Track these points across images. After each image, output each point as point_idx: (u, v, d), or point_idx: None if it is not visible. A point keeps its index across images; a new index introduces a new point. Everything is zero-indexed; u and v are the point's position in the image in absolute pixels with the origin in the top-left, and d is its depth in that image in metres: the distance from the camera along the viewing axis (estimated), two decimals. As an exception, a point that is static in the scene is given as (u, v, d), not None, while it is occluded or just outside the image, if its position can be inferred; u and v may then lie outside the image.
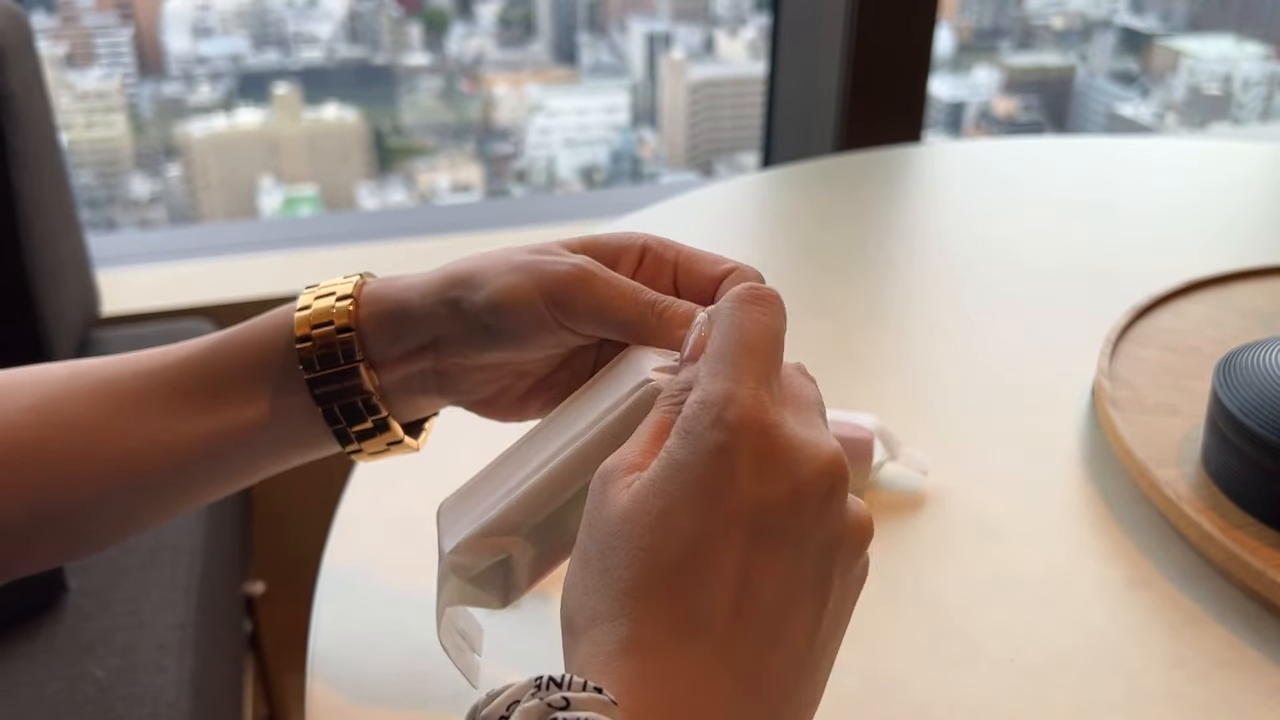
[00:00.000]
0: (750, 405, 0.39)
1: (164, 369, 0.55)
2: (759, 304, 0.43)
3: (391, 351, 0.54)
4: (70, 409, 0.54)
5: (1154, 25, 3.20)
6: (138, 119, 2.59)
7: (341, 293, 0.56)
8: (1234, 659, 0.61)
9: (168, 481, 0.55)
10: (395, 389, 0.55)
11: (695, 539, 0.38)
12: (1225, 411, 0.68)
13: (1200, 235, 1.13)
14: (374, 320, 0.55)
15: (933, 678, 0.60)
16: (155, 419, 0.54)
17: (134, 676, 0.98)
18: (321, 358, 0.54)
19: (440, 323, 0.53)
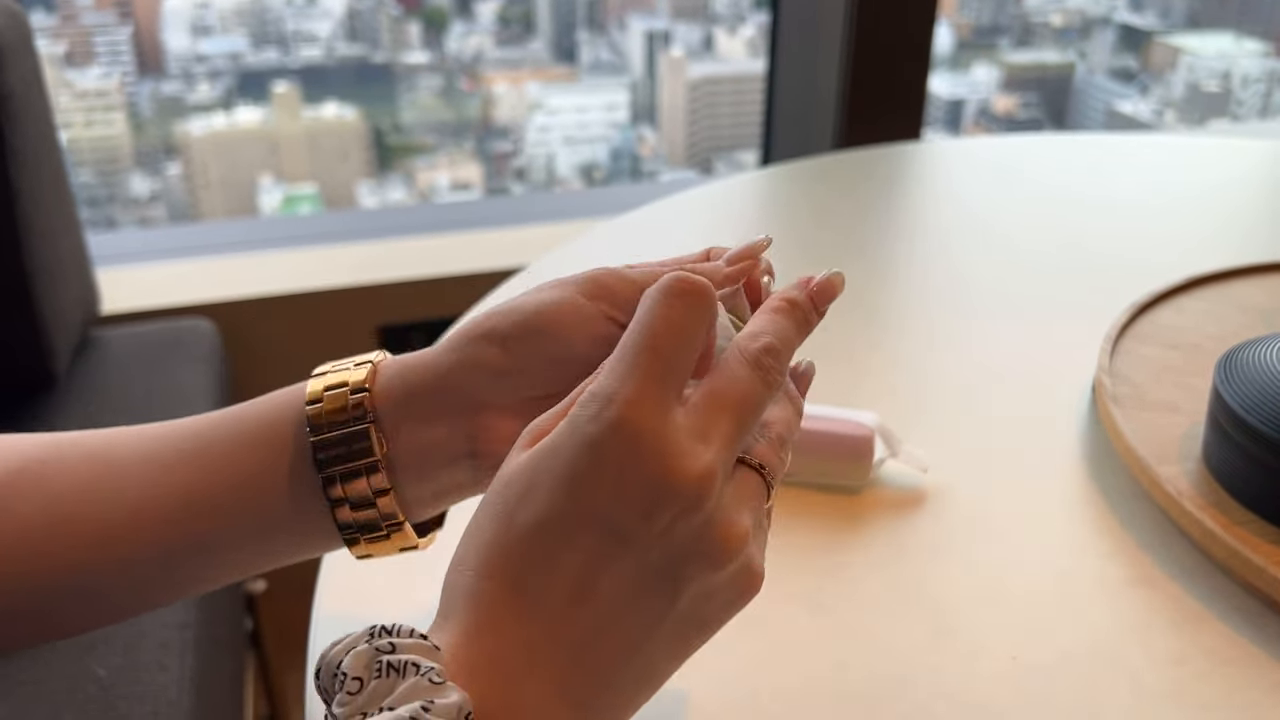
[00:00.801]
0: (630, 408, 0.40)
1: (155, 439, 0.52)
2: (681, 299, 0.43)
3: (409, 414, 0.51)
4: (50, 474, 0.50)
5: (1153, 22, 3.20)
6: (137, 117, 2.59)
7: (360, 361, 0.52)
8: (1236, 656, 0.61)
9: (150, 566, 0.51)
10: (414, 462, 0.51)
11: (547, 522, 0.40)
12: (1226, 408, 0.68)
13: (1200, 231, 1.13)
14: (391, 379, 0.51)
15: (934, 676, 0.60)
16: (140, 491, 0.50)
17: (135, 675, 0.98)
18: (330, 415, 0.50)
19: (475, 368, 0.50)
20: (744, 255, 0.55)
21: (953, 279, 1.03)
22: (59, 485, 0.50)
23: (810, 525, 0.71)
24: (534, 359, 0.50)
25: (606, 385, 0.41)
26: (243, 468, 0.50)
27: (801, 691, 0.59)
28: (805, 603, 0.64)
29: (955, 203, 1.22)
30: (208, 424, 0.52)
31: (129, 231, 2.18)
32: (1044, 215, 1.17)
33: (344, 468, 0.49)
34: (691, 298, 0.43)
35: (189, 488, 0.50)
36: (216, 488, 0.50)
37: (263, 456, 0.50)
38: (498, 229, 1.85)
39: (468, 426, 0.50)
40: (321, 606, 0.66)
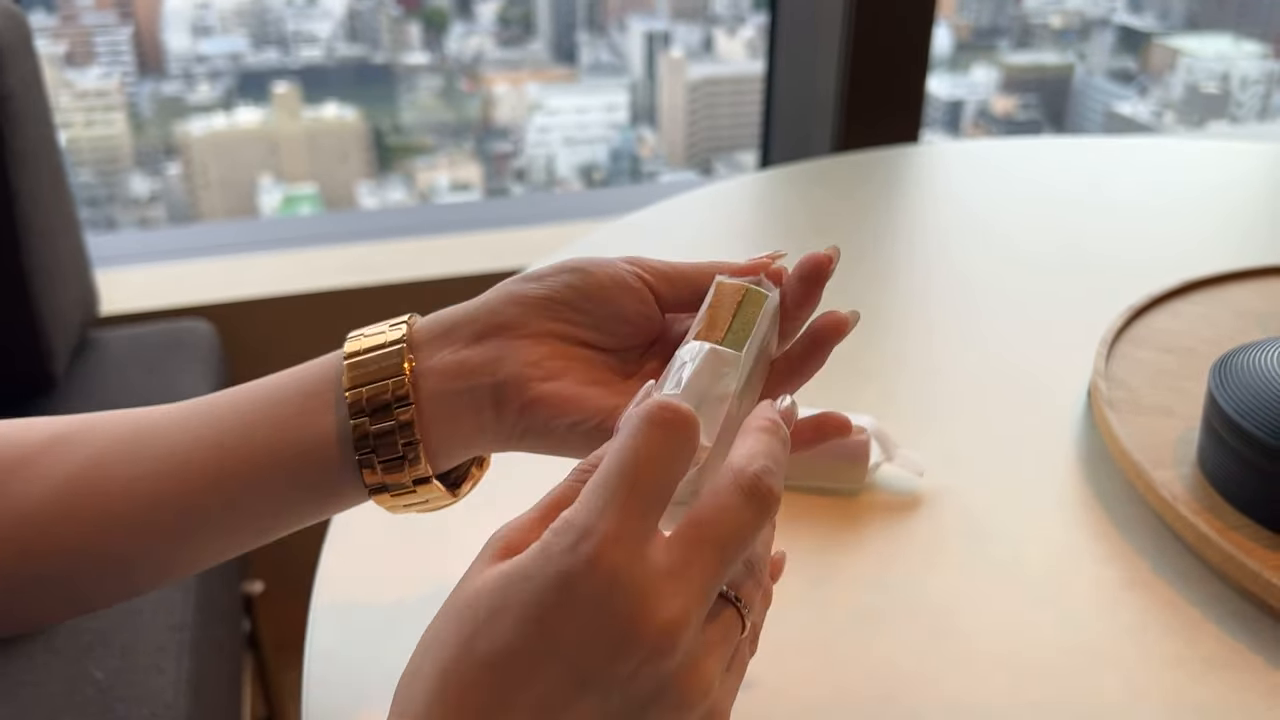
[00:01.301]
0: (607, 544, 0.39)
1: (188, 405, 0.54)
2: (663, 430, 0.40)
3: (444, 341, 0.53)
4: (84, 440, 0.52)
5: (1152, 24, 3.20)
6: (137, 118, 2.60)
7: (398, 320, 0.54)
8: (1231, 659, 0.61)
9: (177, 527, 0.52)
10: (441, 394, 0.52)
11: (509, 656, 0.39)
12: (1221, 413, 0.68)
13: (1198, 234, 1.13)
14: (429, 320, 0.54)
15: (929, 679, 0.60)
16: (171, 451, 0.52)
17: (132, 677, 0.98)
18: (368, 351, 0.52)
19: (510, 301, 0.53)
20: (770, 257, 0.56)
21: (950, 282, 1.04)
22: (93, 449, 0.52)
23: (806, 529, 0.71)
24: (567, 291, 0.53)
25: (583, 517, 0.39)
26: (277, 409, 0.52)
27: (797, 695, 0.59)
28: (801, 606, 0.65)
29: (953, 205, 1.23)
30: (243, 388, 0.54)
31: (128, 232, 2.18)
32: (1042, 218, 1.17)
33: (371, 388, 0.51)
34: (674, 428, 0.41)
35: (221, 443, 0.51)
36: (250, 438, 0.51)
37: (299, 396, 0.52)
38: (497, 230, 1.86)
39: (497, 351, 0.52)
40: (318, 608, 0.66)
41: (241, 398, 0.53)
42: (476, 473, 0.57)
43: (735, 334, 0.51)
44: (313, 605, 0.66)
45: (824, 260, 0.54)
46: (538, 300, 0.53)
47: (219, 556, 0.54)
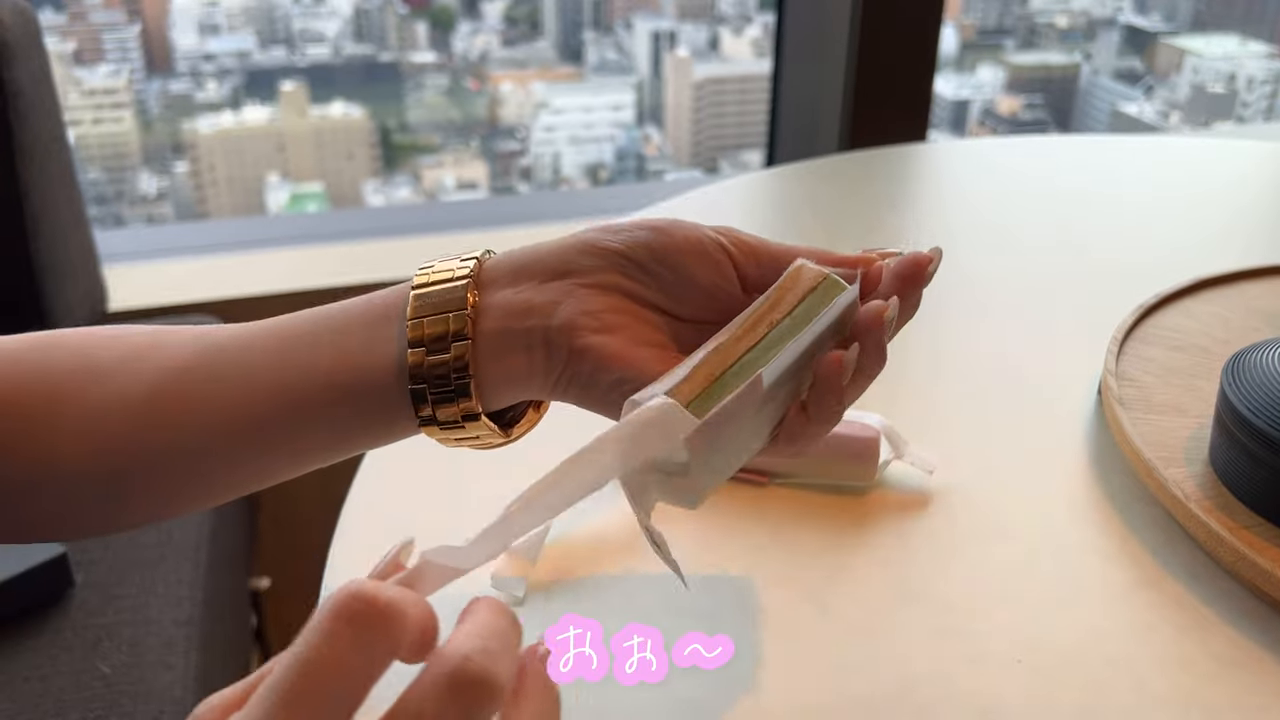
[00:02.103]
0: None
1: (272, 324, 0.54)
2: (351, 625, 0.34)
3: (510, 280, 0.53)
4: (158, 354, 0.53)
5: (1158, 24, 3.20)
6: (145, 116, 2.60)
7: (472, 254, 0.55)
8: (1243, 660, 0.61)
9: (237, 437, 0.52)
10: (497, 332, 0.51)
11: None
12: (1234, 410, 0.68)
13: (1207, 233, 1.13)
14: (502, 257, 0.54)
15: (939, 678, 0.60)
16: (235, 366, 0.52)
17: (140, 672, 0.98)
18: (435, 283, 0.52)
19: (583, 250, 0.53)
20: (879, 253, 0.55)
21: (958, 280, 1.03)
22: (173, 360, 0.53)
23: (815, 526, 0.71)
24: (641, 249, 0.53)
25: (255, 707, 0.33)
26: (346, 328, 0.53)
27: (805, 693, 0.59)
28: (810, 604, 0.65)
29: (961, 204, 1.22)
30: (311, 314, 0.54)
31: (136, 228, 2.19)
32: (1050, 216, 1.17)
33: (432, 319, 0.51)
34: (364, 624, 0.34)
35: (285, 367, 0.52)
36: (315, 367, 0.52)
37: (363, 335, 0.53)
38: (504, 228, 1.86)
39: (555, 294, 0.52)
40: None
41: (309, 325, 0.53)
42: (533, 415, 0.56)
43: (796, 319, 0.50)
44: (320, 601, 0.66)
45: (925, 260, 0.53)
46: (610, 253, 0.52)
47: (287, 474, 0.55)
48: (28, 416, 0.52)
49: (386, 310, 0.53)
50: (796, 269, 0.52)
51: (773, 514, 0.71)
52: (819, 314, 0.50)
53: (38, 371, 0.53)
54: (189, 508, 0.56)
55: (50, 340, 0.55)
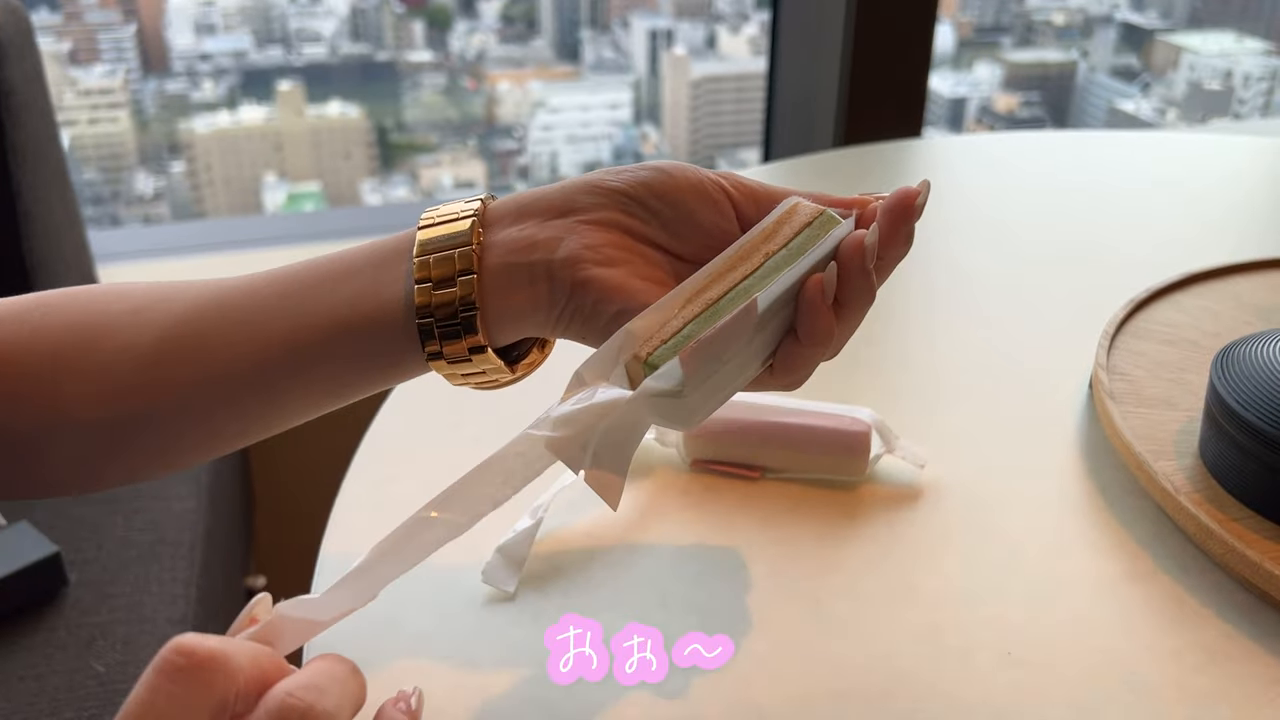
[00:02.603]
0: None
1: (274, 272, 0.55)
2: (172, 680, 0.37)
3: (515, 218, 0.54)
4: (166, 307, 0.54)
5: (1155, 21, 3.20)
6: (141, 116, 2.60)
7: None
8: (1232, 651, 0.61)
9: (247, 384, 0.53)
10: (501, 267, 0.52)
11: None
12: (1223, 404, 0.68)
13: (1199, 228, 1.13)
14: (507, 199, 0.55)
15: (929, 672, 0.60)
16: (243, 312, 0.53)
17: (135, 671, 0.98)
18: (441, 222, 0.53)
19: (586, 189, 0.54)
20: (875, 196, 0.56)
21: (950, 274, 1.03)
22: (182, 309, 0.54)
23: (806, 521, 0.71)
24: (642, 188, 0.54)
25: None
26: (351, 290, 0.53)
27: (796, 687, 0.59)
28: (800, 598, 0.65)
29: (955, 198, 1.22)
30: (318, 262, 0.55)
31: (132, 228, 2.19)
32: (1044, 211, 1.17)
33: (438, 256, 0.52)
34: (183, 678, 0.37)
35: (299, 298, 0.53)
36: (325, 313, 0.53)
37: (371, 276, 0.53)
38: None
39: (559, 230, 0.53)
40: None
41: (316, 271, 0.54)
42: (538, 355, 0.57)
43: (792, 251, 0.51)
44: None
45: (913, 194, 0.53)
46: (612, 191, 0.53)
47: (296, 419, 0.56)
48: (34, 374, 0.53)
49: (394, 251, 0.54)
50: (792, 205, 0.53)
51: (764, 508, 0.71)
52: (814, 246, 0.51)
53: (43, 329, 0.54)
54: (197, 457, 0.57)
55: (54, 298, 0.55)
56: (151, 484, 1.19)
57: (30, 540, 1.04)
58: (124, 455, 0.55)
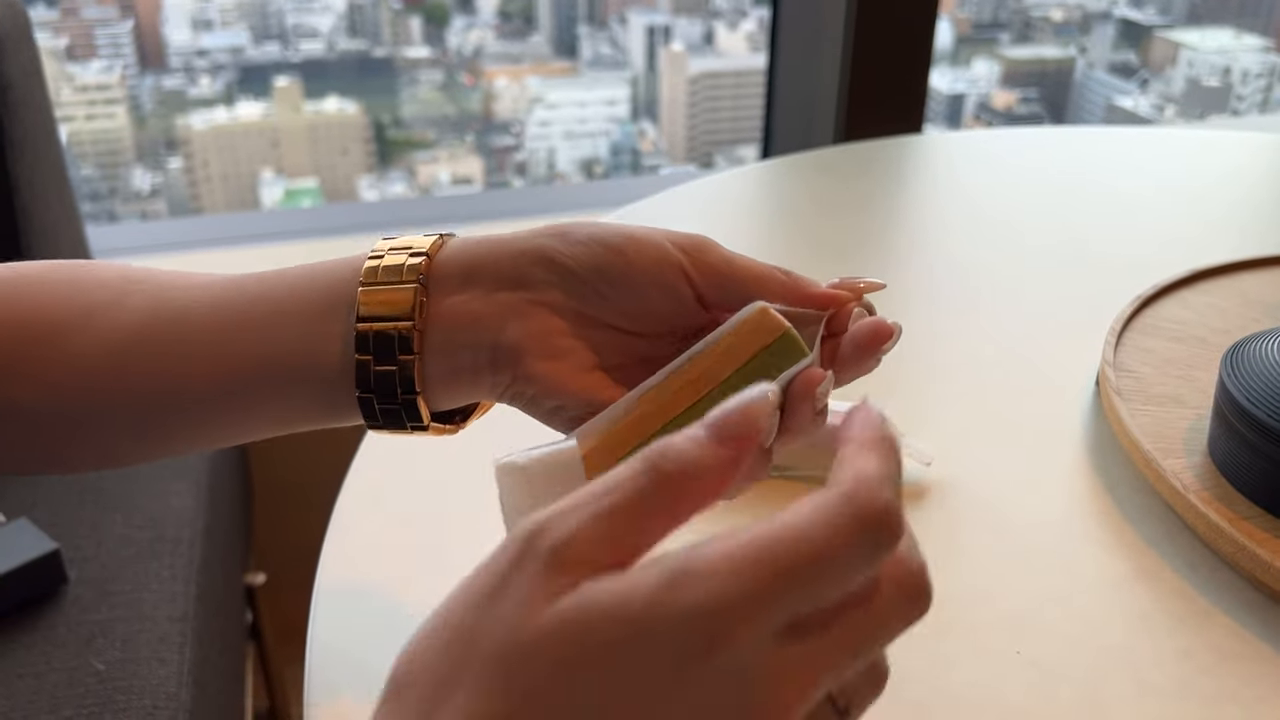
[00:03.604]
0: (758, 631, 0.31)
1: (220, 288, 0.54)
2: (861, 531, 0.33)
3: (460, 283, 0.51)
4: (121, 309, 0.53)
5: (1153, 17, 3.20)
6: (138, 111, 2.59)
7: (430, 232, 0.53)
8: (1242, 651, 0.60)
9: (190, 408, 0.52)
10: (444, 336, 0.50)
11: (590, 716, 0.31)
12: (1233, 401, 0.67)
13: (1202, 224, 1.13)
14: (454, 251, 0.52)
15: (937, 671, 0.59)
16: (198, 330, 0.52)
17: (134, 668, 0.97)
18: (386, 269, 0.51)
19: (538, 259, 0.51)
20: (849, 287, 0.53)
21: (955, 271, 1.03)
22: (128, 328, 0.52)
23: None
24: (594, 274, 0.50)
25: (735, 587, 0.31)
26: (298, 312, 0.52)
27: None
28: (808, 596, 0.64)
29: (957, 195, 1.22)
30: (272, 274, 0.54)
31: (129, 224, 2.18)
32: (1046, 207, 1.17)
33: (380, 325, 0.50)
34: (878, 530, 0.33)
35: (242, 329, 0.52)
36: (269, 328, 0.52)
37: (320, 302, 0.52)
38: (498, 222, 1.85)
39: (506, 308, 0.50)
40: (320, 599, 0.65)
41: (251, 308, 0.52)
42: (485, 405, 0.56)
43: (745, 376, 0.47)
44: (314, 596, 0.66)
45: (885, 335, 0.52)
46: (563, 270, 0.50)
47: (244, 439, 0.55)
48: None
49: (331, 300, 0.52)
50: (760, 313, 0.49)
51: (768, 506, 0.71)
52: (771, 376, 0.47)
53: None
54: (146, 459, 0.56)
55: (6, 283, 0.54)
56: (151, 481, 1.19)
57: (29, 537, 1.03)
58: (65, 448, 0.54)
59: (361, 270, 0.51)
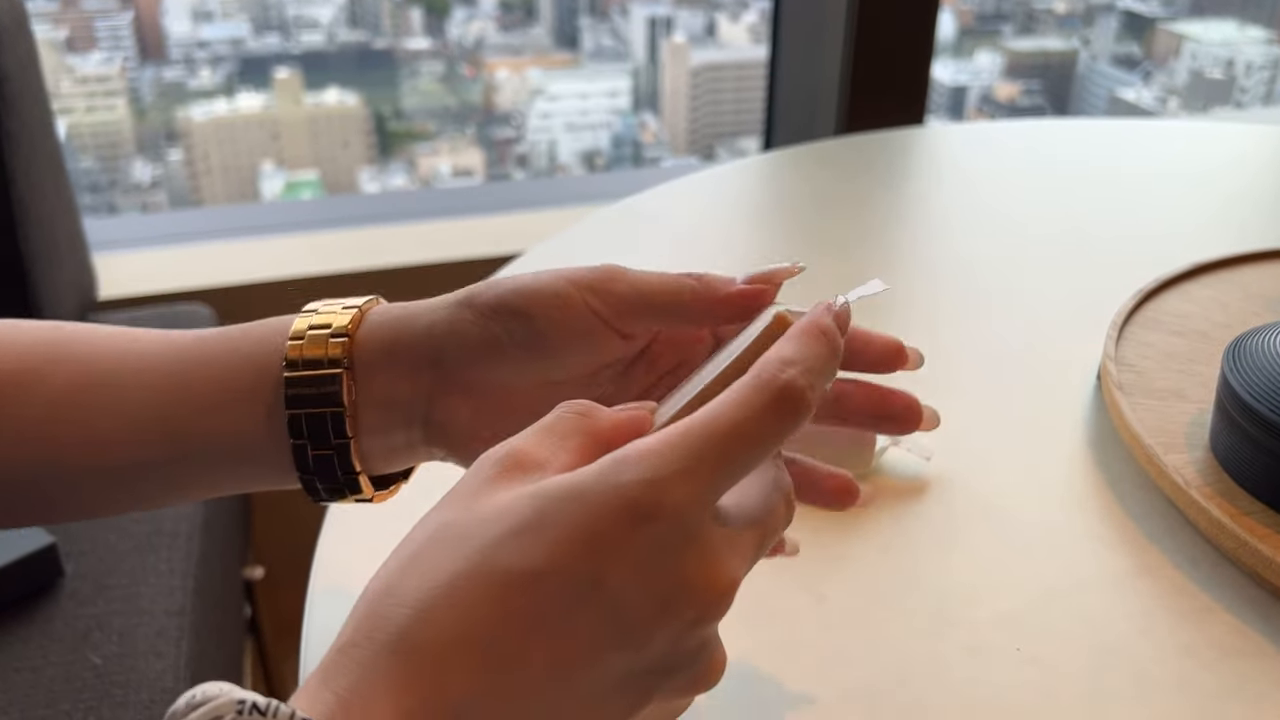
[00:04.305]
0: (682, 496, 0.36)
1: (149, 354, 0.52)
2: (779, 413, 0.39)
3: (384, 364, 0.50)
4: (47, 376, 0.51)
5: (1156, 9, 3.19)
6: (138, 103, 2.59)
7: (349, 304, 0.52)
8: (1244, 647, 0.60)
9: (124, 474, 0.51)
10: (376, 418, 0.50)
11: (544, 574, 0.35)
12: (1235, 395, 0.67)
13: (1204, 217, 1.12)
14: (374, 328, 0.51)
15: (936, 667, 0.59)
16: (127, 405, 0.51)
17: (131, 662, 0.97)
18: (307, 359, 0.50)
19: (450, 333, 0.50)
20: (764, 278, 0.52)
21: (956, 264, 1.03)
22: (57, 393, 0.51)
23: (811, 514, 0.70)
24: (506, 338, 0.50)
25: (660, 462, 0.36)
26: (226, 394, 0.51)
27: (801, 682, 0.58)
28: (805, 593, 0.64)
29: (959, 188, 1.22)
30: (197, 346, 0.52)
31: (129, 216, 2.18)
32: (1048, 200, 1.16)
33: (311, 410, 0.49)
34: (793, 414, 0.39)
35: (172, 409, 0.50)
36: (198, 411, 0.50)
37: (246, 385, 0.51)
38: (499, 214, 1.85)
39: (431, 390, 0.50)
40: (316, 593, 0.65)
41: (183, 386, 0.51)
42: None
43: None
44: (310, 590, 0.65)
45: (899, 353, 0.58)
46: (479, 342, 0.50)
47: (172, 503, 0.55)
48: None
49: (255, 387, 0.50)
50: (777, 322, 0.46)
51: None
52: None
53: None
54: (74, 519, 0.55)
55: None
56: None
57: (25, 531, 1.03)
58: None
59: (284, 355, 0.50)
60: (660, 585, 0.36)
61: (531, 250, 1.04)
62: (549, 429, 0.41)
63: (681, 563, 0.36)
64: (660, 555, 0.36)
